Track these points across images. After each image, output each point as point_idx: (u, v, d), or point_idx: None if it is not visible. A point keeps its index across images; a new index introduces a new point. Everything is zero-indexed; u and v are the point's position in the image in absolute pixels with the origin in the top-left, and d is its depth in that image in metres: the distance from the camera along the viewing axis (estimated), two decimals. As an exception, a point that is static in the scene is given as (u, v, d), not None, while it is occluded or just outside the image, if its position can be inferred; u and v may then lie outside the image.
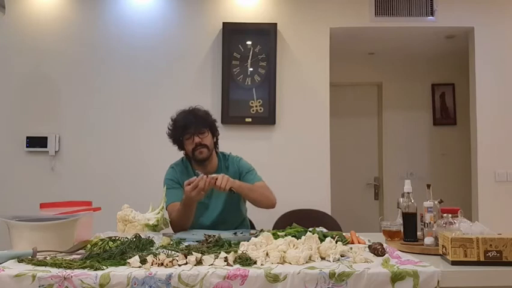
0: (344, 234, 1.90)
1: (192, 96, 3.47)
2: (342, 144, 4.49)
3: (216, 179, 2.03)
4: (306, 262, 1.48)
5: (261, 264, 1.45)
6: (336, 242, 1.63)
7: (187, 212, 2.11)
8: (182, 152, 2.39)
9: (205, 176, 2.02)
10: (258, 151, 3.43)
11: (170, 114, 2.36)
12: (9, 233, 1.66)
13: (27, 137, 3.48)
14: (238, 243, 1.65)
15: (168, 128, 2.33)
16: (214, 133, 2.35)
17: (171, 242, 1.78)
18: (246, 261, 1.46)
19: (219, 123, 2.50)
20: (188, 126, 2.24)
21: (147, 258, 1.44)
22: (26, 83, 3.54)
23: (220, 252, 1.51)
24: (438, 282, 1.39)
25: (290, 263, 1.47)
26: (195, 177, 2.04)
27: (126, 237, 1.68)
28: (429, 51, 4.50)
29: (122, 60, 3.56)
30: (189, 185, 2.01)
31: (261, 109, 3.54)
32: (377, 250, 1.61)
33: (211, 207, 2.30)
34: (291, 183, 3.48)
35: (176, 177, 2.34)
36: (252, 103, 3.54)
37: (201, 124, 2.26)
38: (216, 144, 2.38)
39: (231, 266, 1.43)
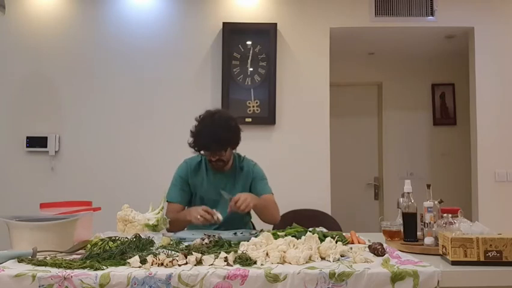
0: (344, 234, 1.90)
1: (192, 96, 3.47)
2: (342, 144, 4.48)
3: (237, 200, 2.06)
4: (306, 262, 1.48)
5: (261, 264, 1.45)
6: (336, 242, 1.63)
7: (186, 222, 2.16)
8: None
9: (216, 216, 2.07)
10: (258, 151, 3.39)
11: (170, 114, 2.35)
12: (9, 233, 1.66)
13: (27, 137, 3.48)
14: (238, 243, 1.65)
15: (191, 134, 2.23)
16: (235, 147, 2.32)
17: (171, 242, 1.78)
18: (246, 261, 1.46)
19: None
20: (208, 148, 2.19)
21: (147, 258, 1.44)
22: (26, 83, 3.54)
23: (220, 252, 1.51)
24: (438, 282, 1.39)
25: (290, 263, 1.47)
26: (215, 212, 2.09)
27: (126, 237, 1.68)
28: (429, 51, 4.50)
29: (122, 60, 3.56)
30: (202, 215, 2.06)
31: (257, 109, 3.53)
32: (377, 250, 1.61)
33: (220, 208, 2.27)
34: (291, 183, 3.48)
35: (185, 175, 2.33)
36: (249, 103, 3.54)
37: (222, 148, 2.20)
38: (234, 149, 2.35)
39: (231, 266, 1.43)
